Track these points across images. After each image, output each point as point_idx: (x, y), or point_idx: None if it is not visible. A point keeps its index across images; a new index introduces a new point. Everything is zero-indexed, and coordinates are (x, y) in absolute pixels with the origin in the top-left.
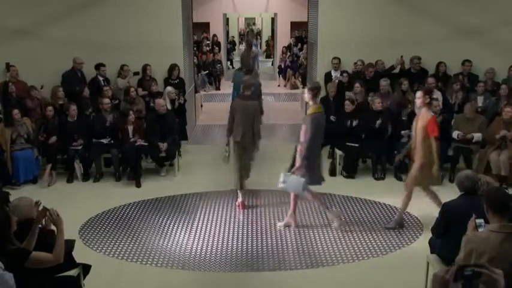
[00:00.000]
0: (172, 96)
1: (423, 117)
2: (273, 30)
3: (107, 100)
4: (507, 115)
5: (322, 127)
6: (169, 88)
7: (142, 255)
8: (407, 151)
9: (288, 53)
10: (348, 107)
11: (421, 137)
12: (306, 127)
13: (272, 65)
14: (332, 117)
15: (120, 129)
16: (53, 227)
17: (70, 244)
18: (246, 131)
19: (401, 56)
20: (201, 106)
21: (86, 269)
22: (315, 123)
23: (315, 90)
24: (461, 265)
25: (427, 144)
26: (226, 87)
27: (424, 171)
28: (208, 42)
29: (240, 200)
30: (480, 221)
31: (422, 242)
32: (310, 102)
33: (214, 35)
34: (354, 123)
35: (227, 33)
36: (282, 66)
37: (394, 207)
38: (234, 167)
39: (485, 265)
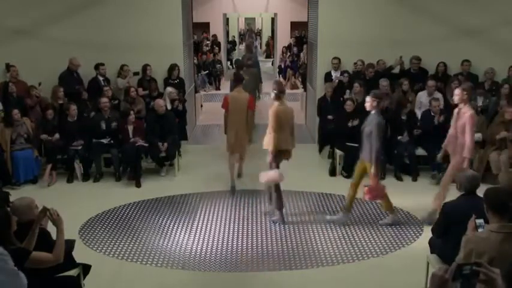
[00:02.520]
0: (173, 96)
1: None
2: (273, 30)
3: (104, 99)
4: (509, 116)
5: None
6: (170, 89)
7: (142, 255)
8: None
9: (288, 53)
10: (349, 106)
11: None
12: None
13: (272, 65)
14: (329, 117)
15: (120, 129)
16: (51, 227)
17: (70, 244)
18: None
19: (401, 57)
20: (201, 106)
21: (86, 269)
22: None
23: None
24: (459, 264)
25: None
26: (226, 87)
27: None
28: (208, 42)
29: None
30: (480, 221)
31: (422, 242)
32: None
33: (214, 35)
34: (355, 123)
35: (227, 33)
36: (282, 66)
37: (394, 207)
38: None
39: (483, 263)
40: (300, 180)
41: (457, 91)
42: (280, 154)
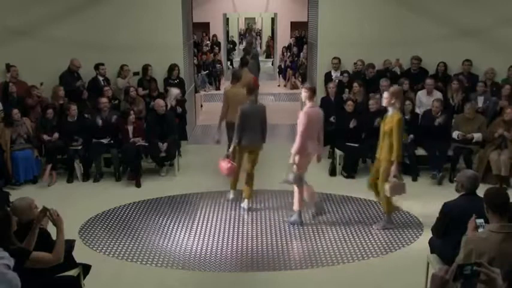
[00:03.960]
0: (179, 97)
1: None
2: (273, 30)
3: (103, 99)
4: (508, 116)
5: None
6: (176, 90)
7: (142, 255)
8: None
9: (288, 53)
10: (350, 106)
11: None
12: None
13: (272, 65)
14: (332, 120)
15: (121, 129)
16: (51, 227)
17: (70, 244)
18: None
19: (398, 59)
20: (201, 106)
21: (86, 269)
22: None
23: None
24: (460, 264)
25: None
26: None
27: None
28: (208, 42)
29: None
30: (480, 221)
31: (422, 242)
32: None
33: (214, 35)
34: (354, 123)
35: (227, 33)
36: (282, 66)
37: (395, 207)
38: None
39: (483, 263)
40: None
41: (303, 90)
42: (231, 126)
